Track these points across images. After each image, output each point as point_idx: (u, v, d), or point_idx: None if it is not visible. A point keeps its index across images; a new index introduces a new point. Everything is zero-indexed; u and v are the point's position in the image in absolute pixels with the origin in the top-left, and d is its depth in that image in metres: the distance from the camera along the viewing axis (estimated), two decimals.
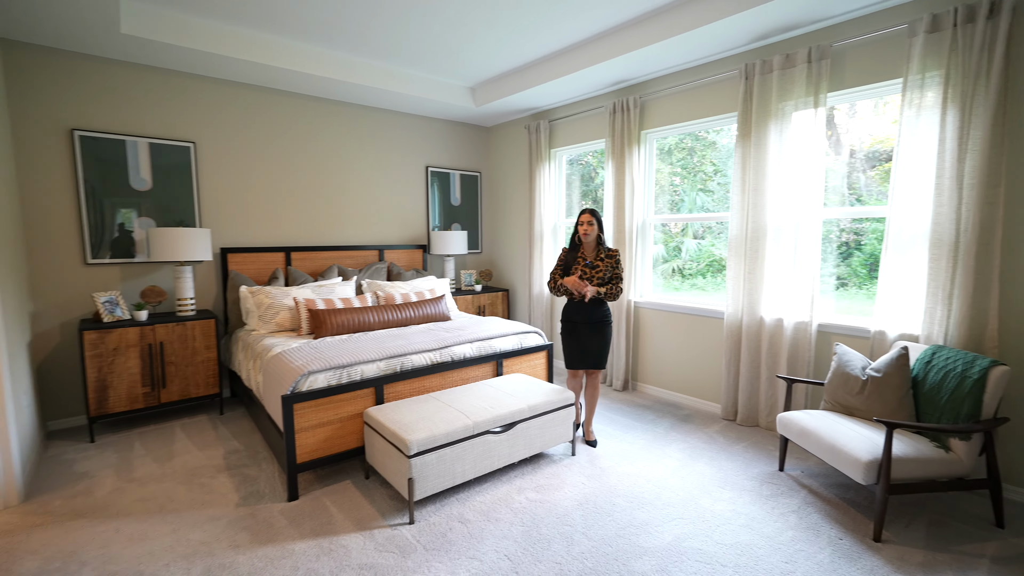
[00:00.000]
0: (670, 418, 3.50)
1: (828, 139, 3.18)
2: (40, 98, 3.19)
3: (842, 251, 3.18)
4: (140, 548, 2.05)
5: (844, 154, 3.15)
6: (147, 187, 3.58)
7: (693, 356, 3.77)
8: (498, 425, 2.52)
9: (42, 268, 3.26)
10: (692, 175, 3.99)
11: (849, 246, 3.17)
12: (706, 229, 4.00)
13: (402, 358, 2.83)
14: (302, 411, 2.44)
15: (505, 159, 5.36)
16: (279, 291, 3.58)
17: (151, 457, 2.91)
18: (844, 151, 3.15)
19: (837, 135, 3.18)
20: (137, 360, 3.24)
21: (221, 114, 3.84)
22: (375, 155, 4.69)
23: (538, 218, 4.83)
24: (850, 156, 3.13)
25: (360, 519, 2.26)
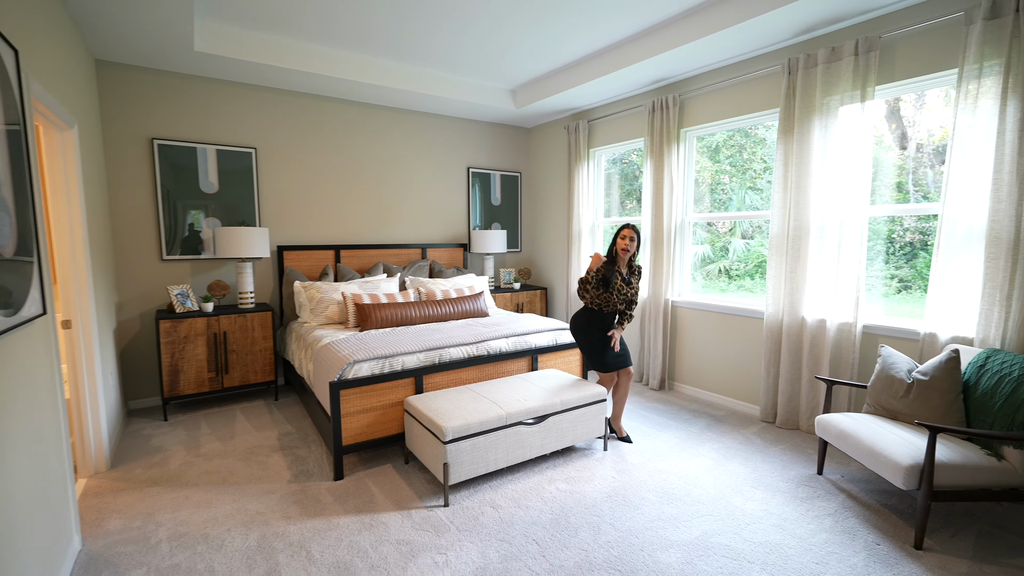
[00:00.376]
0: (706, 418, 3.47)
1: (892, 132, 3.06)
2: (127, 111, 3.56)
3: (906, 252, 3.04)
4: (206, 514, 2.28)
5: (910, 149, 3.01)
6: (214, 190, 3.91)
7: (731, 357, 3.71)
8: (530, 417, 2.61)
9: (126, 263, 3.64)
10: (741, 173, 3.91)
11: (914, 246, 3.03)
12: (755, 229, 3.91)
13: (440, 351, 2.97)
14: (348, 397, 2.62)
15: (545, 159, 5.44)
16: (329, 286, 3.82)
17: (215, 436, 3.19)
18: (911, 146, 3.01)
19: (902, 129, 3.04)
20: (204, 348, 3.56)
21: (279, 121, 4.13)
22: (419, 157, 4.89)
23: (576, 217, 4.88)
24: (916, 151, 2.98)
25: (399, 499, 2.41)
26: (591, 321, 3.02)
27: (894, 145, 3.04)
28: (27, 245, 1.68)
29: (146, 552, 2.01)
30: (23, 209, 1.67)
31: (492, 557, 1.99)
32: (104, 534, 2.13)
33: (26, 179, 1.73)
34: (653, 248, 4.10)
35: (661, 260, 4.05)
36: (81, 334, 2.61)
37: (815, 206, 3.06)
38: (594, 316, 3.01)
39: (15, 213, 1.59)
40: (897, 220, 3.04)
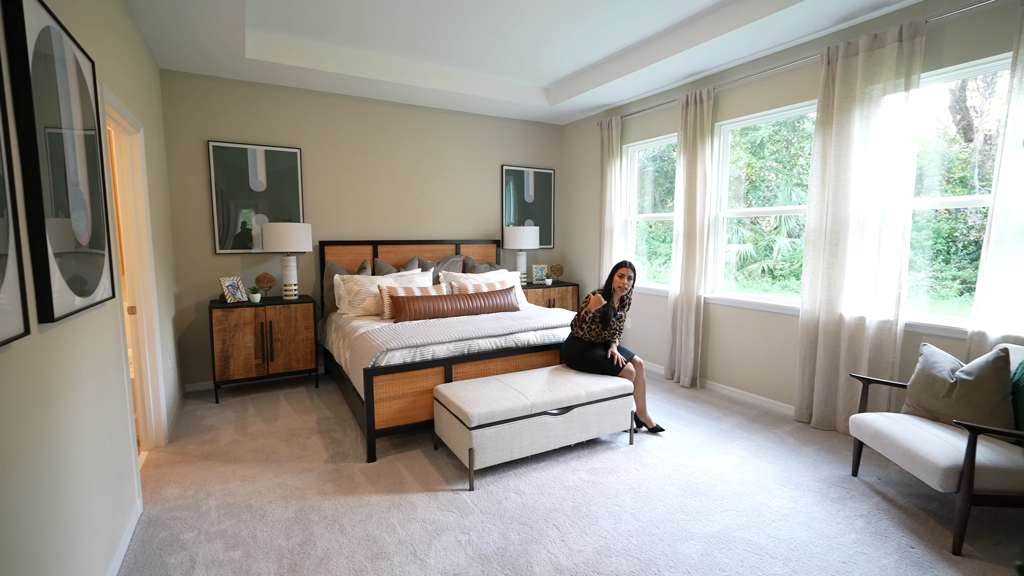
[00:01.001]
0: (737, 416, 3.41)
1: (957, 124, 2.91)
2: (186, 115, 3.85)
3: (969, 251, 2.86)
4: (251, 487, 2.47)
5: (977, 140, 2.85)
6: (262, 188, 4.16)
7: (765, 355, 3.62)
8: (555, 407, 2.66)
9: (184, 256, 3.93)
10: (788, 169, 3.79)
11: (979, 245, 2.85)
12: (802, 228, 3.79)
13: (469, 341, 3.07)
14: (380, 383, 2.75)
15: (577, 156, 5.45)
16: (366, 279, 4.00)
17: (261, 418, 3.41)
18: (977, 137, 2.85)
19: (968, 119, 2.89)
20: (251, 336, 3.80)
21: (322, 123, 4.35)
22: (454, 156, 5.01)
23: (608, 214, 4.87)
24: (984, 142, 2.82)
25: (427, 482, 2.52)
26: (584, 347, 3.09)
27: (959, 137, 2.88)
28: (99, 237, 1.87)
29: (198, 518, 2.20)
30: (97, 205, 1.87)
31: (513, 539, 2.06)
32: (162, 500, 2.34)
33: (100, 179, 1.93)
34: (685, 244, 4.05)
35: (693, 256, 4.00)
36: (144, 320, 2.86)
37: (855, 199, 2.95)
38: (585, 344, 3.10)
39: (91, 209, 1.79)
40: (960, 217, 2.88)
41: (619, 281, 3.09)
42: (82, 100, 1.76)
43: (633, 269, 3.10)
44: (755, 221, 4.01)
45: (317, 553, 1.96)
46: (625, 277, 3.08)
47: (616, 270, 3.12)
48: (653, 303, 4.61)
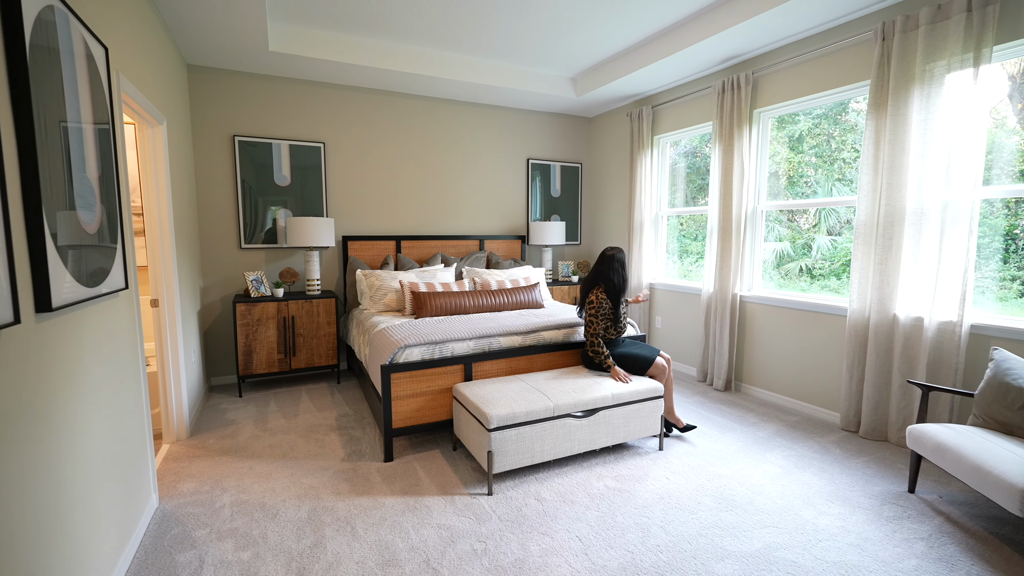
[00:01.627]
0: (776, 423, 3.18)
1: None
2: (212, 110, 3.86)
3: None
4: (266, 484, 2.42)
5: None
6: (287, 183, 4.15)
7: (807, 358, 3.37)
8: (579, 410, 2.51)
9: (210, 251, 3.96)
10: (828, 164, 3.53)
11: None
12: (844, 224, 3.54)
13: (491, 339, 2.95)
14: (398, 381, 2.66)
15: (606, 149, 5.27)
16: (387, 274, 3.93)
17: (281, 413, 3.39)
18: None
19: None
20: (274, 331, 3.79)
21: (346, 117, 4.31)
22: (479, 150, 4.91)
23: (638, 208, 4.67)
24: None
25: (444, 485, 2.41)
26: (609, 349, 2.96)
27: None
28: (111, 228, 1.84)
29: (211, 515, 2.16)
30: (108, 196, 1.83)
31: (532, 550, 1.93)
32: (178, 495, 2.32)
33: (112, 169, 1.90)
34: (720, 240, 3.83)
35: (729, 252, 3.77)
36: (167, 313, 2.86)
37: (912, 188, 2.69)
38: (607, 344, 2.97)
39: (100, 199, 1.74)
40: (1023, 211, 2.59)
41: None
42: (92, 87, 1.71)
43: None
44: (792, 219, 3.75)
45: (327, 557, 1.88)
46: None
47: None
48: (684, 302, 4.39)
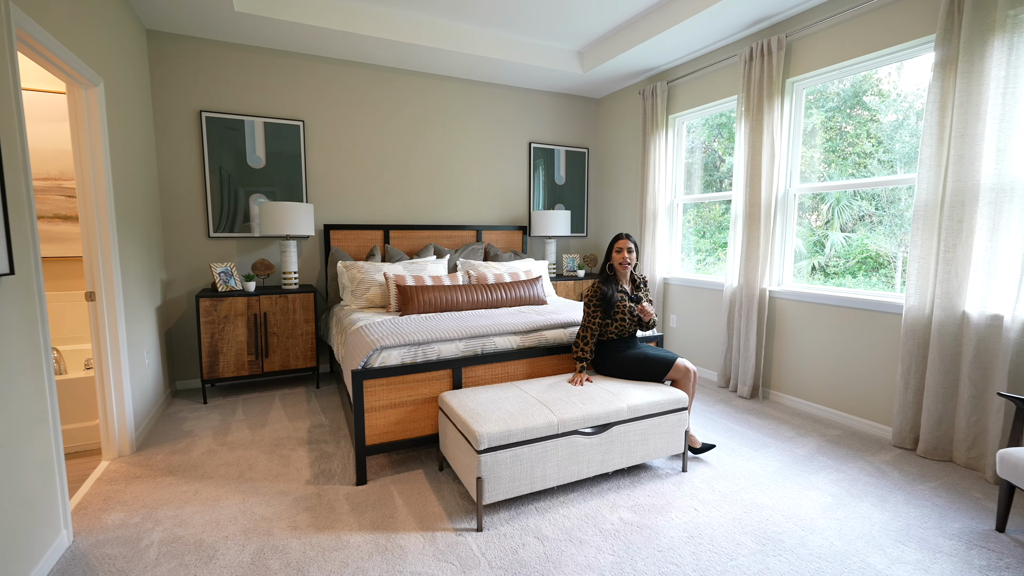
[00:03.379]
0: (815, 437, 2.75)
1: None
2: (175, 82, 3.45)
3: None
4: (209, 514, 2.00)
5: None
6: (261, 165, 3.74)
7: (851, 361, 2.93)
8: (589, 425, 2.08)
9: (174, 240, 3.54)
10: (842, 159, 3.11)
11: None
12: (858, 220, 3.13)
13: (484, 339, 2.52)
14: (373, 389, 2.24)
15: (616, 132, 4.83)
16: (371, 266, 3.51)
17: (247, 423, 2.97)
18: None
19: None
20: (244, 329, 3.38)
21: (328, 93, 3.89)
22: (477, 132, 4.48)
23: (651, 196, 4.23)
24: None
25: (424, 517, 1.99)
26: (616, 349, 2.54)
27: None
28: None
29: (132, 558, 1.74)
30: None
31: None
32: (99, 529, 1.90)
33: None
34: (746, 228, 3.39)
35: (756, 242, 3.33)
36: (105, 308, 2.45)
37: (988, 161, 2.24)
38: (616, 344, 2.56)
39: None
40: None
41: (618, 256, 2.57)
42: None
43: (634, 242, 2.61)
44: (802, 215, 3.31)
45: None
46: (624, 251, 2.57)
47: (612, 245, 2.60)
48: (703, 298, 3.95)
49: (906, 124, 2.84)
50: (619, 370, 2.49)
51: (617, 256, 2.56)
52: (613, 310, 2.50)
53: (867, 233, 3.09)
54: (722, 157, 4.01)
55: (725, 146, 3.98)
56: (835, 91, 3.13)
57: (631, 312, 2.53)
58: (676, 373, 2.43)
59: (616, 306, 2.51)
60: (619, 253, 2.55)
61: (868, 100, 3.01)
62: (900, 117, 2.87)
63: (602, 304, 2.50)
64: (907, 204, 2.84)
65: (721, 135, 4.02)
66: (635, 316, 2.56)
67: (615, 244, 2.57)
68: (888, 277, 2.97)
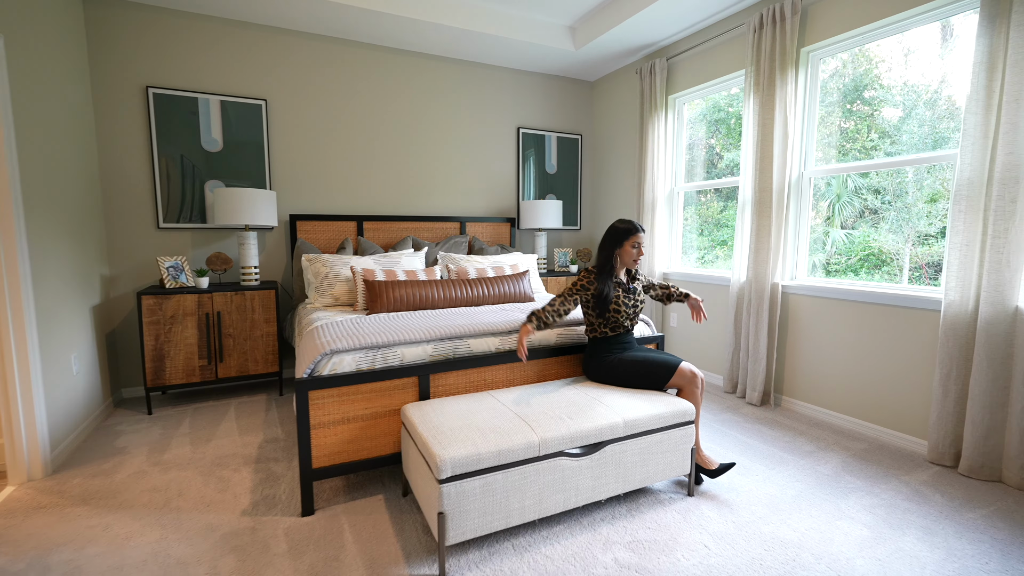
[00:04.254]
0: (839, 452, 2.40)
1: None
2: (117, 54, 3.08)
3: None
4: (114, 557, 1.63)
5: None
6: (218, 148, 3.37)
7: (877, 364, 2.59)
8: (577, 445, 1.73)
9: (119, 232, 3.17)
10: (843, 155, 2.80)
11: None
12: (859, 217, 2.82)
13: (457, 341, 2.17)
14: (322, 401, 1.88)
15: (611, 117, 4.48)
16: (337, 259, 3.15)
17: (190, 438, 2.60)
18: None
19: None
20: (194, 330, 3.01)
21: (294, 70, 3.53)
22: (461, 116, 4.12)
23: (649, 184, 3.89)
24: None
25: (376, 559, 1.63)
26: (608, 350, 2.20)
27: None
28: None
29: None
30: None
31: None
32: None
33: None
34: (756, 216, 3.04)
35: (767, 232, 2.99)
36: (9, 306, 2.08)
37: None
38: (609, 343, 2.22)
39: None
40: None
41: (632, 254, 2.21)
42: None
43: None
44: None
45: None
46: (641, 245, 2.23)
47: (628, 238, 2.21)
48: (707, 295, 3.60)
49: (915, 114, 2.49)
50: (613, 376, 2.13)
51: (631, 253, 2.20)
52: (607, 306, 2.15)
53: (869, 231, 2.79)
54: (720, 154, 3.67)
55: (723, 142, 3.64)
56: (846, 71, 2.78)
57: (627, 304, 2.19)
58: (681, 380, 2.07)
59: (610, 301, 2.16)
60: (635, 249, 2.20)
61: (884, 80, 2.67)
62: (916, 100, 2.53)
63: (597, 304, 2.16)
64: (916, 197, 2.55)
65: (719, 131, 3.68)
66: (633, 308, 2.22)
67: (630, 238, 2.19)
68: (891, 274, 2.68)
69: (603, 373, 2.16)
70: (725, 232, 3.62)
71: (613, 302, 2.16)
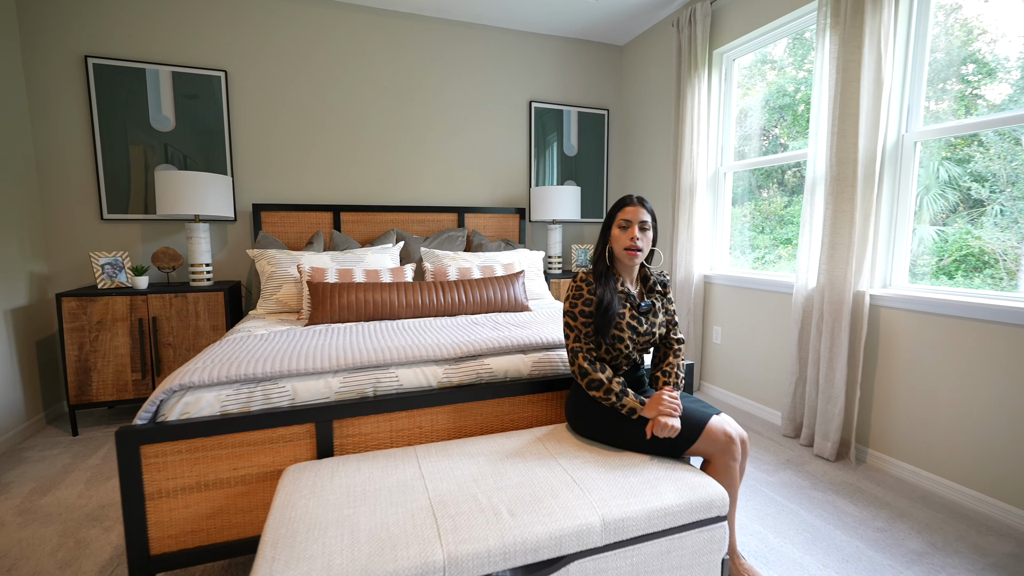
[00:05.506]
0: (969, 555, 1.56)
1: None
2: (51, 19, 2.68)
3: None
4: None
5: None
6: (169, 127, 2.92)
7: (1020, 409, 1.71)
8: (513, 566, 1.04)
9: (58, 224, 2.79)
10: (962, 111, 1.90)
11: None
12: (951, 213, 1.93)
13: (379, 372, 1.53)
14: (163, 460, 1.30)
15: (645, 87, 3.70)
16: (285, 255, 2.61)
17: (92, 473, 2.13)
18: None
19: None
20: (126, 338, 2.56)
21: (260, 35, 3.03)
22: (460, 88, 3.49)
23: (687, 163, 3.09)
24: None
25: None
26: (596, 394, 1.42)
27: None
28: None
29: None
30: None
31: None
32: None
33: None
34: (831, 199, 2.20)
35: (847, 220, 2.15)
36: None
37: None
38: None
39: None
40: None
41: (624, 237, 1.45)
42: None
43: (651, 212, 1.49)
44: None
45: None
46: (636, 224, 1.45)
47: (615, 215, 1.49)
48: (762, 305, 2.77)
49: None
50: (604, 431, 1.42)
51: (620, 237, 1.46)
52: (609, 326, 1.43)
53: (971, 228, 1.89)
54: (784, 144, 2.82)
55: (789, 131, 2.79)
56: None
57: (637, 330, 1.46)
58: (710, 445, 1.33)
59: (615, 321, 1.44)
60: (625, 230, 1.46)
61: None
62: None
63: (595, 316, 1.44)
64: None
65: (784, 118, 2.82)
66: (645, 337, 1.49)
67: (618, 213, 1.48)
68: (996, 279, 1.79)
69: (591, 425, 1.44)
70: (790, 230, 2.78)
71: (615, 321, 1.44)
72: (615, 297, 1.44)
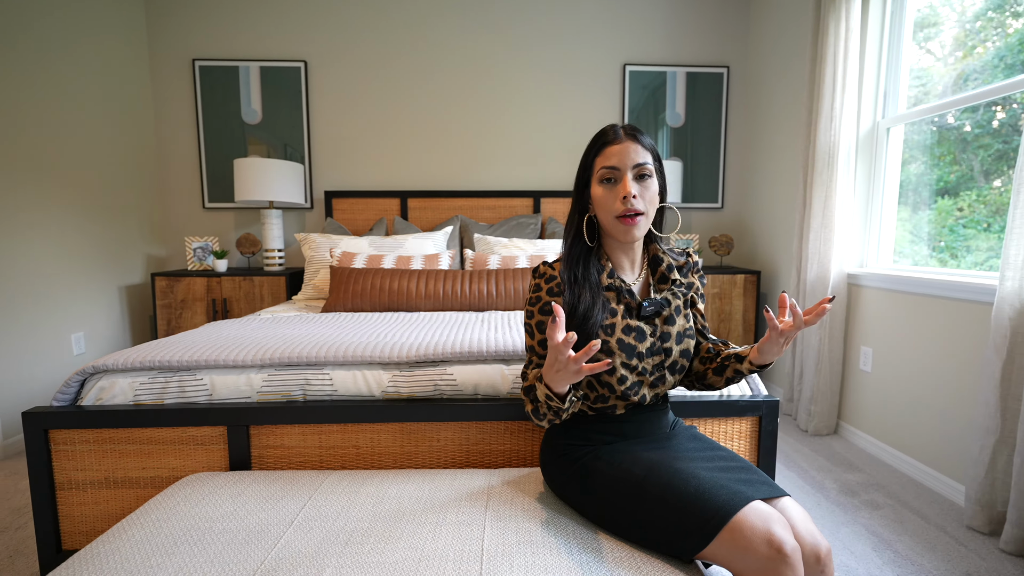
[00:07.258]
0: None
1: None
2: (170, 29, 3.00)
3: None
4: None
5: None
6: (257, 119, 3.08)
7: None
8: None
9: (170, 211, 3.13)
10: None
11: None
12: None
13: (311, 371, 1.24)
14: (73, 448, 1.19)
15: (775, 36, 2.85)
16: (324, 239, 2.51)
17: None
18: None
19: None
20: (203, 317, 2.74)
21: (336, 21, 3.03)
22: (539, 55, 3.10)
23: (826, 116, 2.23)
24: None
25: None
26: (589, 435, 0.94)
27: None
28: None
29: None
30: None
31: None
32: None
33: None
34: None
35: None
36: None
37: None
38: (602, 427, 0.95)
39: None
40: None
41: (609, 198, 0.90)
42: None
43: (649, 148, 0.90)
44: None
45: None
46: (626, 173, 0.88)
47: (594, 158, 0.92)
48: (940, 319, 1.83)
49: None
50: (586, 499, 0.91)
51: (606, 198, 0.90)
52: (586, 328, 0.90)
53: None
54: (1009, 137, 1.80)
55: (999, 58, 1.78)
56: None
57: (636, 349, 0.92)
58: (736, 554, 0.73)
59: (595, 321, 0.92)
60: (611, 186, 0.90)
61: None
62: None
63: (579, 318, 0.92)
64: None
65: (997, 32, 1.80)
66: (655, 358, 0.93)
67: (596, 159, 0.92)
68: None
69: (571, 487, 0.94)
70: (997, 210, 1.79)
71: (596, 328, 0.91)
72: (597, 298, 0.92)
